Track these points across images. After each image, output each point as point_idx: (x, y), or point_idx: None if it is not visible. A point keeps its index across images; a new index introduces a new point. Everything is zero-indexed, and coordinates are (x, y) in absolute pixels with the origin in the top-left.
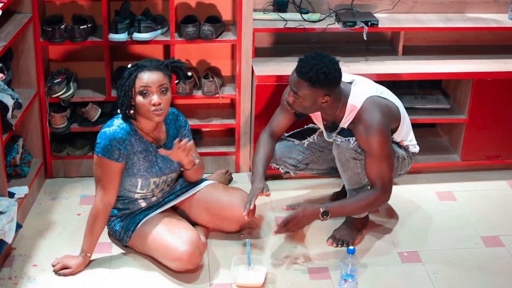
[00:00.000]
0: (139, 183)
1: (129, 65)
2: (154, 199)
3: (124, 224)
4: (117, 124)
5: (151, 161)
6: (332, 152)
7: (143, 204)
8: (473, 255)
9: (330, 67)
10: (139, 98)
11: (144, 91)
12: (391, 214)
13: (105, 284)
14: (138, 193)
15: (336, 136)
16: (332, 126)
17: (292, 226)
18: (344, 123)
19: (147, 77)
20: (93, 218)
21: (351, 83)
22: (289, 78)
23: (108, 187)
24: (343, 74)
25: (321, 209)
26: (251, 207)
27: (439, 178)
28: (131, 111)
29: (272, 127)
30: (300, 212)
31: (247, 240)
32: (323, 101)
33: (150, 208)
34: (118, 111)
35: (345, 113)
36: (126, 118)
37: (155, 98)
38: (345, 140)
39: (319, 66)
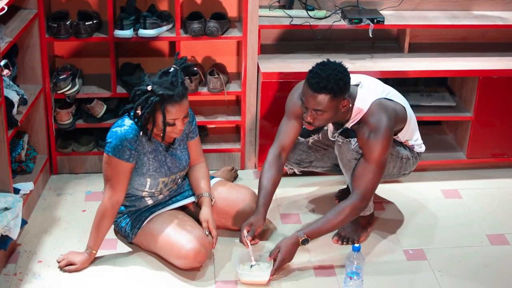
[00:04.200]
0: (148, 183)
1: (149, 88)
2: (161, 197)
3: (130, 221)
4: (128, 124)
5: (160, 161)
6: (335, 151)
7: (149, 201)
8: (479, 253)
9: (341, 71)
10: (167, 127)
11: (173, 123)
12: (397, 211)
13: (110, 281)
14: (146, 191)
15: (338, 137)
16: (339, 125)
17: (283, 264)
18: (349, 124)
19: (176, 111)
20: (100, 216)
21: (357, 85)
22: (302, 98)
23: (117, 186)
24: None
25: (299, 237)
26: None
27: (444, 176)
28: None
29: (280, 142)
30: (284, 252)
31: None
32: (343, 105)
33: (157, 205)
34: (141, 133)
35: (351, 115)
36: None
37: (180, 126)
38: (347, 141)
39: (334, 74)
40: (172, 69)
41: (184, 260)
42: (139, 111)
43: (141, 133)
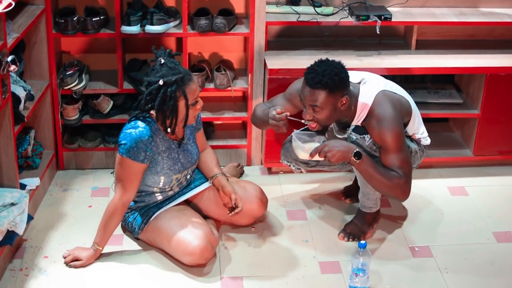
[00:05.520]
0: (162, 181)
1: (161, 82)
2: (171, 192)
3: (137, 216)
4: (142, 125)
5: (174, 159)
6: None
7: (159, 197)
8: (485, 250)
9: (338, 67)
10: (190, 110)
11: (195, 102)
12: (403, 208)
13: (116, 277)
14: (158, 188)
15: (351, 133)
16: (344, 124)
17: (322, 154)
18: (357, 121)
19: (194, 88)
20: (109, 214)
21: (359, 83)
22: (300, 96)
23: (129, 186)
24: (351, 74)
25: (357, 149)
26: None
27: (451, 173)
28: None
29: (272, 105)
30: (332, 141)
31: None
32: (342, 103)
33: (165, 201)
34: (169, 130)
35: (356, 112)
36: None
37: (201, 102)
38: (361, 137)
39: (329, 70)
40: (162, 60)
41: (191, 257)
42: (153, 113)
43: (168, 129)
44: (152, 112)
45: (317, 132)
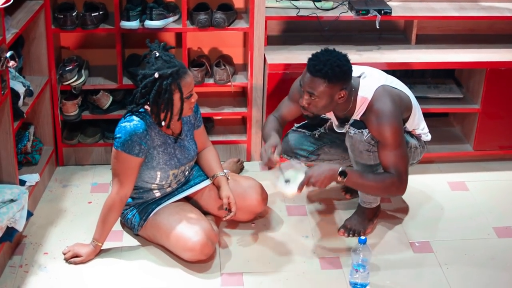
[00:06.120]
0: (158, 176)
1: (157, 75)
2: (169, 189)
3: (136, 213)
4: (137, 119)
5: (170, 154)
6: (345, 143)
7: (157, 194)
8: (485, 246)
9: (341, 59)
10: (184, 103)
11: (190, 95)
12: (403, 203)
13: (116, 273)
14: (156, 184)
15: (349, 128)
16: (344, 118)
17: (310, 185)
18: (356, 116)
19: (189, 81)
20: (107, 209)
21: (359, 76)
22: (300, 81)
23: (125, 181)
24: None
25: (340, 168)
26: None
27: (451, 168)
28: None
29: (280, 113)
30: (316, 169)
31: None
32: (340, 96)
33: (163, 197)
34: (163, 123)
35: (356, 106)
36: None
37: (195, 96)
38: (359, 132)
39: (332, 60)
40: (157, 54)
41: (191, 253)
42: (148, 107)
43: (163, 123)
44: (147, 106)
45: (311, 128)
